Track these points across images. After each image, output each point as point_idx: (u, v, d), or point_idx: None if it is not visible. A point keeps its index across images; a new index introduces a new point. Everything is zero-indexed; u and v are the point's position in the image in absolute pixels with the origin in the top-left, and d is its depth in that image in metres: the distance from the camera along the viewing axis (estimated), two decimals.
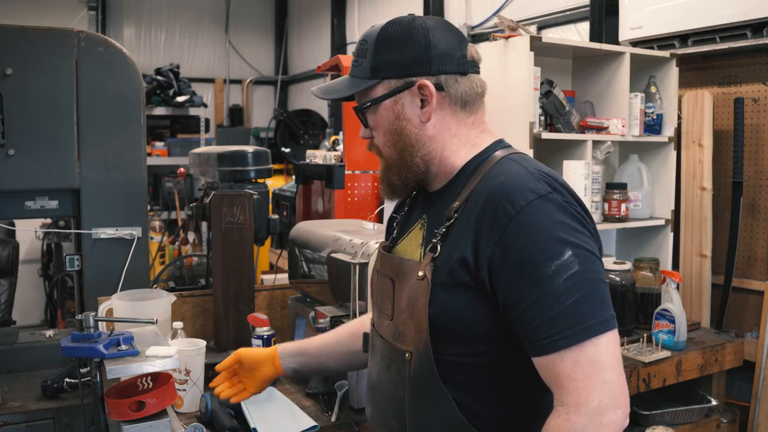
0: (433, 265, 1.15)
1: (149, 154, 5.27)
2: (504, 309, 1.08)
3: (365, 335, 1.51)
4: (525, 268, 1.04)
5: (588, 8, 3.38)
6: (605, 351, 1.02)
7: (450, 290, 1.13)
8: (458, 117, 1.23)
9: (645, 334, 2.40)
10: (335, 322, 1.80)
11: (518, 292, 1.05)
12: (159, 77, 5.56)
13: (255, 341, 1.94)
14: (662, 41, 2.84)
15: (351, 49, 5.92)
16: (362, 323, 1.57)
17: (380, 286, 1.31)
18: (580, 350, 1.01)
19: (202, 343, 1.87)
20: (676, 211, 2.87)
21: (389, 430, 1.26)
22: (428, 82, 1.19)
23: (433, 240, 1.17)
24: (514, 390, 1.16)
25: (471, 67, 1.23)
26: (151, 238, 4.35)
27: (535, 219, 1.06)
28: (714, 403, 2.53)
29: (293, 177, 4.18)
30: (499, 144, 1.25)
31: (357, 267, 1.75)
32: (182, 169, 3.15)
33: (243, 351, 1.65)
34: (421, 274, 1.17)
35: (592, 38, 3.28)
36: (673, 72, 2.80)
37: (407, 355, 1.19)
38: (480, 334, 1.13)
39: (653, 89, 2.78)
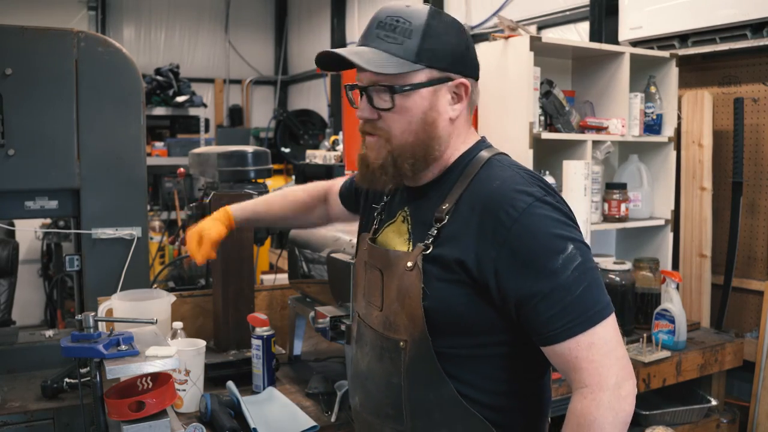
0: (423, 256, 1.19)
1: (149, 154, 5.25)
2: (516, 306, 1.14)
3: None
4: (534, 266, 1.12)
5: (588, 8, 3.38)
6: (612, 330, 1.12)
7: (448, 283, 1.17)
8: (467, 118, 1.29)
9: (645, 334, 2.39)
10: (335, 322, 1.80)
11: (530, 288, 1.11)
12: (159, 77, 5.54)
13: (255, 341, 1.94)
14: (662, 41, 2.84)
15: None
16: (305, 194, 1.75)
17: (368, 278, 1.33)
18: (593, 334, 1.10)
19: (202, 343, 1.87)
20: (676, 211, 2.87)
21: (384, 418, 1.28)
22: (467, 82, 1.24)
23: (426, 241, 1.20)
24: (508, 376, 1.21)
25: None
26: (151, 238, 4.34)
27: (537, 219, 1.13)
28: (714, 403, 2.53)
29: (293, 177, 4.18)
30: (483, 144, 1.30)
31: None
32: (182, 169, 3.13)
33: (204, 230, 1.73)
34: (410, 264, 1.20)
35: (592, 38, 3.28)
36: (672, 72, 2.80)
37: (401, 344, 1.22)
38: (479, 326, 1.18)
39: (653, 89, 2.78)
